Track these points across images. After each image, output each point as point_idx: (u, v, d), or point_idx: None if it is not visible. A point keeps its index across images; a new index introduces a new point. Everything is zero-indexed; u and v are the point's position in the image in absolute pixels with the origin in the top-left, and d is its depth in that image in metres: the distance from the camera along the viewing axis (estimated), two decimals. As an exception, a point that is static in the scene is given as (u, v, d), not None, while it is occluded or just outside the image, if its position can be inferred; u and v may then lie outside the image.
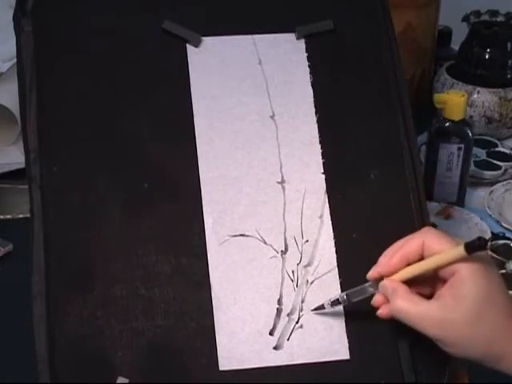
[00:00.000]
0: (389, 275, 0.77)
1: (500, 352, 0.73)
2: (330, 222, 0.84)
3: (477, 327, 0.72)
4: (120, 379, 0.77)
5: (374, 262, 0.82)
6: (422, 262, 0.75)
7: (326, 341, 0.80)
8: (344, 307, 0.81)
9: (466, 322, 0.72)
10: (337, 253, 0.83)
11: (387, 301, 0.76)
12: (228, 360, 0.79)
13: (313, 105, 0.87)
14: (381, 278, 0.77)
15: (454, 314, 0.72)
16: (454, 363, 0.82)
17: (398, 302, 0.75)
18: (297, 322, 0.81)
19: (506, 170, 1.31)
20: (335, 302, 0.80)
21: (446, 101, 1.17)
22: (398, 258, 0.76)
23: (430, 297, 0.76)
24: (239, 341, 0.79)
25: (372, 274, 0.78)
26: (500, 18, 1.47)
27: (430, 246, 0.75)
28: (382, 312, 0.77)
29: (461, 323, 0.72)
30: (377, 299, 0.77)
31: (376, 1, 0.92)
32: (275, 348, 0.80)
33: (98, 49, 0.86)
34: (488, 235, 1.14)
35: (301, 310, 0.81)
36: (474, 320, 0.72)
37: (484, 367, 0.74)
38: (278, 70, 0.88)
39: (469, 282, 0.72)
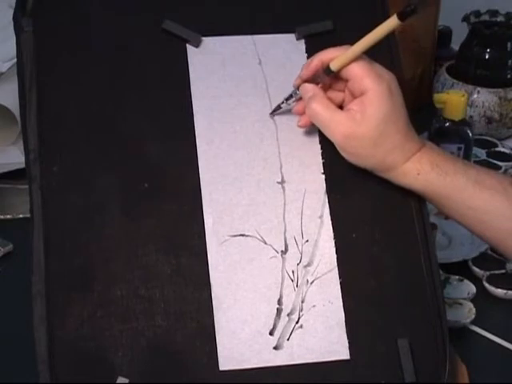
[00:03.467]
0: (309, 80, 0.84)
1: (391, 164, 0.82)
2: (330, 222, 0.84)
3: (378, 142, 0.81)
4: (120, 379, 0.77)
5: (373, 261, 0.83)
6: (363, 39, 0.81)
7: (326, 341, 0.80)
8: None
9: (370, 138, 0.80)
10: (337, 253, 0.83)
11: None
12: (228, 360, 0.79)
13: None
14: None
15: (359, 128, 0.80)
16: (454, 363, 0.82)
17: (314, 105, 0.82)
18: (297, 322, 0.81)
19: (506, 170, 1.31)
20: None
21: (446, 101, 1.17)
22: (315, 61, 0.83)
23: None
24: (239, 341, 0.79)
25: (295, 81, 0.85)
26: (500, 18, 1.47)
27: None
28: (302, 121, 0.85)
29: (364, 137, 0.80)
30: (297, 107, 0.85)
31: (376, 1, 0.92)
32: (275, 348, 0.80)
33: (98, 49, 0.86)
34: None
35: (301, 309, 0.81)
36: (377, 136, 0.80)
37: (484, 367, 0.74)
38: (278, 70, 0.88)
39: (376, 103, 0.80)
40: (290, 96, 0.85)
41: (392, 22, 0.79)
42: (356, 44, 0.81)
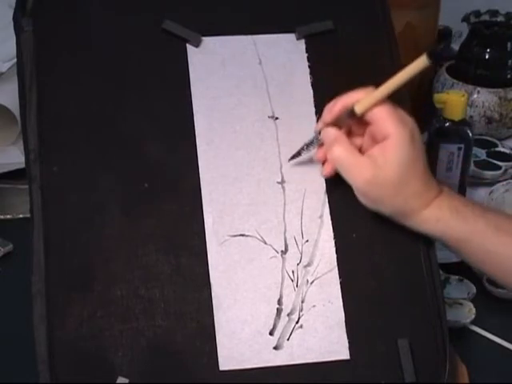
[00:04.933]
0: (331, 124, 0.83)
1: (411, 210, 0.81)
2: (330, 222, 0.84)
3: (399, 188, 0.80)
4: (120, 379, 0.77)
5: (373, 261, 0.83)
6: (389, 81, 0.80)
7: (326, 341, 0.80)
8: None
9: (391, 183, 0.80)
10: (337, 253, 0.83)
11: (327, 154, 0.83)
12: (228, 360, 0.79)
13: (313, 105, 0.87)
14: None
15: (381, 173, 0.80)
16: (454, 363, 0.82)
17: (338, 150, 0.81)
18: (297, 322, 0.81)
19: (506, 170, 1.31)
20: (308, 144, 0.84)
21: (446, 101, 1.17)
22: (339, 104, 0.82)
23: None
24: (239, 341, 0.79)
25: (317, 126, 0.84)
26: (500, 18, 1.46)
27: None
28: (326, 170, 0.84)
29: (386, 182, 0.80)
30: (319, 155, 0.84)
31: (376, 1, 0.92)
32: (275, 348, 0.80)
33: (97, 49, 0.86)
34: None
35: (301, 309, 0.81)
36: (398, 181, 0.80)
37: (484, 367, 0.74)
38: (278, 70, 0.88)
39: (399, 148, 0.80)
40: (311, 141, 0.84)
41: (421, 63, 0.78)
42: (382, 86, 0.80)
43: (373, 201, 0.82)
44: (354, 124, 0.83)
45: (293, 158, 0.85)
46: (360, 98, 0.81)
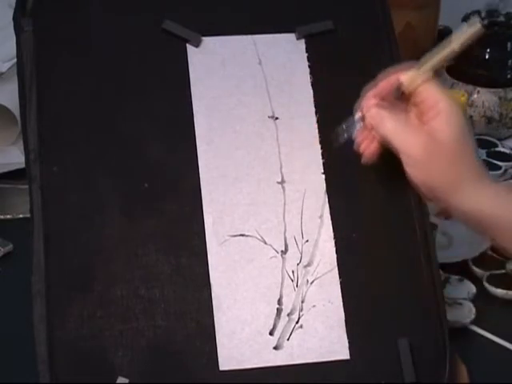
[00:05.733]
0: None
1: (464, 182, 0.79)
2: (330, 222, 0.84)
3: (455, 157, 0.79)
4: (120, 379, 0.77)
5: (373, 261, 0.83)
6: (438, 53, 0.81)
7: (326, 341, 0.80)
8: None
9: (450, 151, 0.79)
10: (337, 253, 0.83)
11: (370, 137, 0.82)
12: (228, 360, 0.79)
13: (313, 105, 0.87)
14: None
15: (439, 141, 0.78)
16: (454, 363, 0.82)
17: (390, 121, 0.80)
18: (297, 322, 0.81)
19: (506, 170, 1.31)
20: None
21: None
22: (384, 85, 0.81)
23: None
24: (239, 341, 0.79)
25: (358, 110, 0.82)
26: (500, 18, 1.46)
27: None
28: (370, 150, 0.82)
29: (443, 150, 0.79)
30: (361, 137, 0.82)
31: (376, 1, 0.92)
32: (275, 348, 0.80)
33: (97, 49, 0.86)
34: (488, 235, 1.14)
35: (301, 309, 0.81)
36: (457, 150, 0.79)
37: (484, 367, 0.74)
38: (277, 70, 0.88)
39: (455, 118, 0.79)
40: (350, 123, 0.83)
41: (473, 29, 0.79)
42: (431, 60, 0.81)
43: (426, 171, 0.80)
44: (397, 102, 0.82)
45: (337, 142, 0.83)
46: (406, 75, 0.81)
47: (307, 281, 0.82)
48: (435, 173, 0.80)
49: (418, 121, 0.81)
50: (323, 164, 0.86)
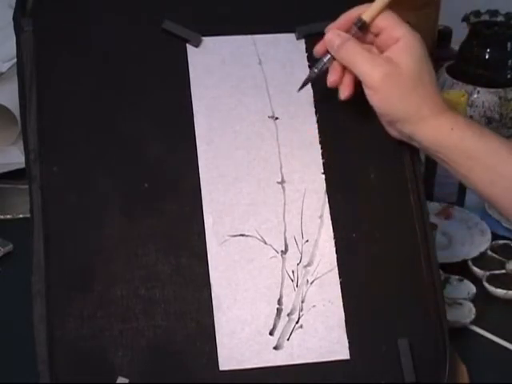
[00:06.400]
0: None
1: (425, 113, 0.80)
2: (330, 222, 0.84)
3: (414, 87, 0.80)
4: (120, 379, 0.77)
5: (373, 261, 0.82)
6: None
7: (326, 341, 0.80)
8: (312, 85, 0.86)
9: (409, 77, 0.80)
10: (337, 253, 0.83)
11: (341, 71, 0.83)
12: (228, 360, 0.79)
13: (313, 105, 0.87)
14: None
15: (398, 69, 0.80)
16: (454, 363, 0.82)
17: (351, 44, 0.81)
18: (297, 322, 0.81)
19: (505, 170, 1.31)
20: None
21: (446, 101, 1.17)
22: (345, 18, 0.83)
23: None
24: (239, 341, 0.79)
25: (317, 48, 0.85)
26: (500, 18, 1.46)
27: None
28: (345, 92, 0.83)
29: (402, 79, 0.80)
30: (333, 78, 0.83)
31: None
32: (275, 348, 0.80)
33: (97, 49, 0.86)
34: (488, 236, 1.14)
35: (301, 309, 0.81)
36: (416, 77, 0.80)
37: (484, 367, 0.74)
38: (277, 70, 0.88)
39: (414, 46, 0.81)
40: (320, 63, 0.84)
41: None
42: None
43: (386, 99, 0.81)
44: (360, 37, 0.83)
45: (304, 84, 0.85)
46: (364, 6, 0.83)
47: (307, 281, 0.82)
48: (394, 101, 0.81)
49: (379, 51, 0.83)
50: (323, 164, 0.86)
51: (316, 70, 0.84)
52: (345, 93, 0.83)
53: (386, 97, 0.81)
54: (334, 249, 0.83)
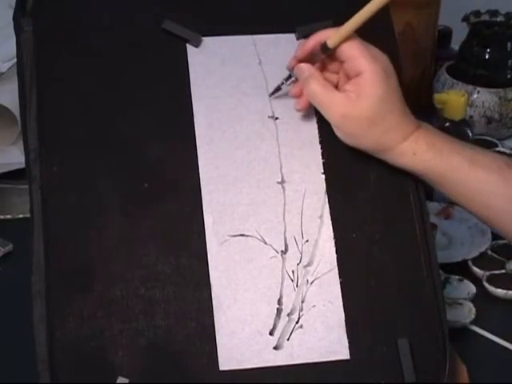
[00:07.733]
0: (305, 61, 0.84)
1: (388, 144, 0.82)
2: (330, 222, 0.84)
3: (374, 122, 0.81)
4: (120, 379, 0.77)
5: (373, 261, 0.82)
6: (357, 14, 0.81)
7: (326, 341, 0.80)
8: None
9: (366, 117, 0.81)
10: (337, 253, 0.83)
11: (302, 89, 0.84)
12: (228, 360, 0.79)
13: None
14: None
15: (355, 108, 0.81)
16: (454, 363, 0.82)
17: (312, 85, 0.82)
18: (297, 322, 0.81)
19: (506, 170, 1.31)
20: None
21: (446, 101, 1.17)
22: (312, 41, 0.83)
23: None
24: (239, 341, 0.79)
25: (290, 62, 0.85)
26: (500, 18, 1.47)
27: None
28: (300, 104, 0.85)
29: (360, 117, 0.81)
30: (294, 90, 0.85)
31: (376, 1, 0.92)
32: (275, 348, 0.80)
33: (97, 49, 0.86)
34: (488, 236, 1.14)
35: (301, 309, 0.81)
36: (373, 116, 0.81)
37: (484, 367, 0.74)
38: (277, 70, 0.88)
39: (372, 83, 0.81)
40: (289, 77, 0.85)
41: None
42: (351, 19, 0.82)
43: (349, 135, 0.83)
44: (328, 61, 0.85)
45: (273, 93, 0.86)
46: (330, 31, 0.83)
47: (307, 281, 0.82)
48: (356, 136, 0.83)
49: (345, 80, 0.83)
50: (323, 164, 0.86)
51: (285, 82, 0.86)
52: (300, 104, 0.85)
53: (347, 133, 0.83)
54: (334, 249, 0.83)
